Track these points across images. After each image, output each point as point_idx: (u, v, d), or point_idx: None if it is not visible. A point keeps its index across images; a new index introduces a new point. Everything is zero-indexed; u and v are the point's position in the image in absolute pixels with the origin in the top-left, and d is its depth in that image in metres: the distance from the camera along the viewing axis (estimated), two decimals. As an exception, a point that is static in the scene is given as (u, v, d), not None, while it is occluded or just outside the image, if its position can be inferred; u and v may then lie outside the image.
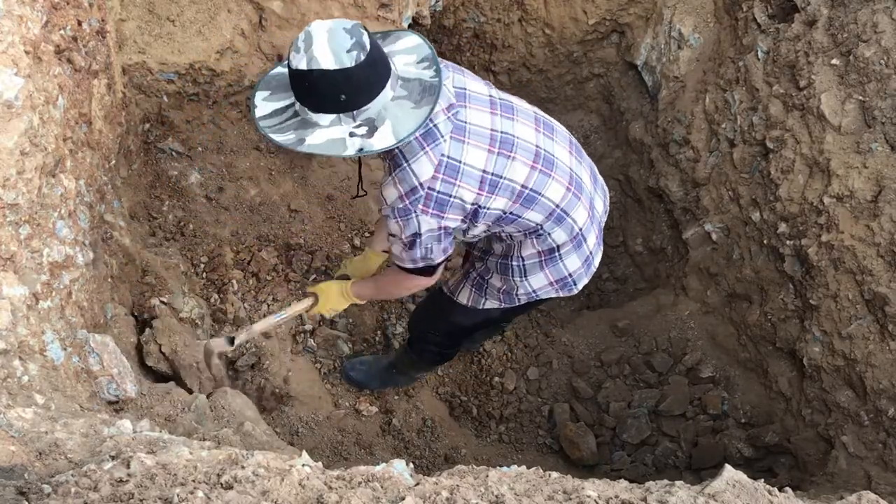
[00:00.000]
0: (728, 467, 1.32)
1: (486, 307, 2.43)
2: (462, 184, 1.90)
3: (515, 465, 1.47)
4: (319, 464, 1.24)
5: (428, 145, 1.86)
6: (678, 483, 1.29)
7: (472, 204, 1.95)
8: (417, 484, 1.20)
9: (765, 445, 3.01)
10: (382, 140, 1.76)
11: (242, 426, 2.11)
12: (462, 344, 2.92)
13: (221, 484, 1.11)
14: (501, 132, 1.96)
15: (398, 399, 3.13)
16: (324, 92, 1.72)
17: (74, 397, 1.62)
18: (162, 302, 2.52)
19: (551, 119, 2.17)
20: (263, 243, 3.08)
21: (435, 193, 1.89)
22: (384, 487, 1.16)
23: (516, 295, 2.32)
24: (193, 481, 1.11)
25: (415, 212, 1.91)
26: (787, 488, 1.37)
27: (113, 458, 1.18)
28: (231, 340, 2.38)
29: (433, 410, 3.17)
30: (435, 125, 1.86)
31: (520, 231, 2.13)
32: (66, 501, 1.05)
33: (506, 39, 4.02)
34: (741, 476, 1.30)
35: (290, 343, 3.00)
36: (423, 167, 1.87)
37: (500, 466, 1.46)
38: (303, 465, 1.19)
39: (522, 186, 1.99)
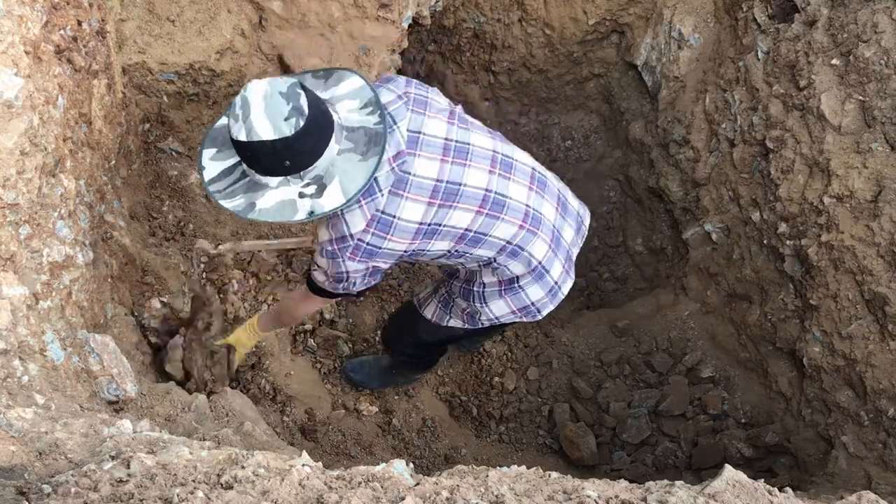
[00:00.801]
0: (728, 467, 1.32)
1: (449, 325, 2.44)
2: (393, 238, 1.90)
3: (515, 465, 1.47)
4: (319, 464, 1.24)
5: (364, 199, 1.83)
6: (678, 483, 1.29)
7: (405, 252, 1.96)
8: (417, 484, 1.20)
9: (765, 445, 3.01)
10: (332, 199, 1.74)
11: (242, 426, 2.11)
12: (433, 355, 2.91)
13: (221, 484, 1.11)
14: (447, 182, 1.92)
15: (398, 399, 3.13)
16: (267, 160, 1.69)
17: (74, 397, 1.62)
18: (162, 302, 2.52)
19: (514, 154, 2.11)
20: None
21: (364, 245, 1.88)
22: (384, 487, 1.16)
23: (479, 319, 2.33)
24: (193, 481, 1.11)
25: (342, 257, 1.91)
26: (787, 488, 1.37)
27: (113, 458, 1.18)
28: (216, 245, 2.62)
29: (433, 410, 3.17)
30: (375, 179, 1.82)
31: (474, 263, 2.14)
32: (66, 501, 1.05)
33: (506, 39, 4.02)
34: (741, 476, 1.30)
35: (289, 343, 3.00)
36: (355, 220, 1.86)
37: (500, 466, 1.46)
38: (303, 465, 1.19)
39: (466, 230, 1.98)
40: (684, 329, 3.43)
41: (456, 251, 2.04)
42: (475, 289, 2.24)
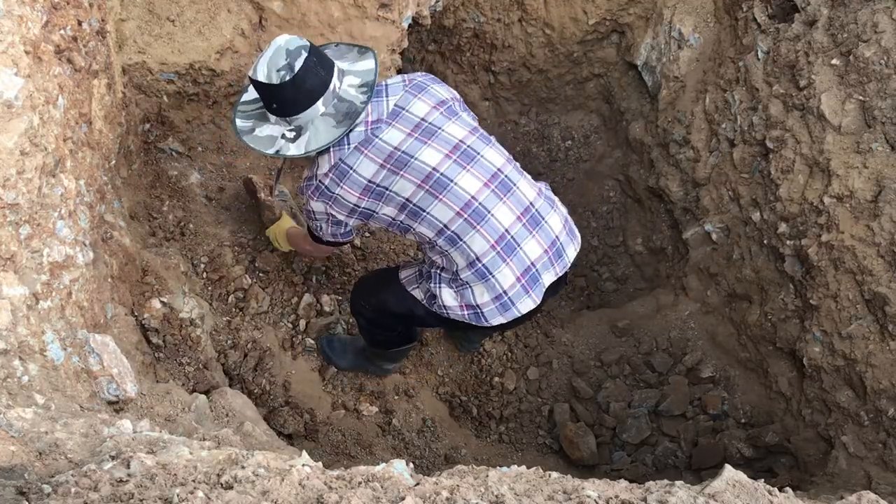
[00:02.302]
0: (728, 467, 1.32)
1: (413, 293, 2.48)
2: (345, 187, 2.18)
3: (515, 465, 1.47)
4: (319, 464, 1.24)
5: (334, 149, 2.17)
6: (678, 483, 1.29)
7: (356, 206, 2.21)
8: (417, 484, 1.19)
9: (765, 445, 3.01)
10: (297, 148, 2.14)
11: (242, 426, 2.11)
12: (390, 332, 2.82)
13: (221, 484, 1.11)
14: (403, 152, 2.16)
15: (398, 399, 3.13)
16: (263, 96, 2.12)
17: (74, 397, 1.62)
18: (162, 302, 2.52)
19: (483, 152, 2.22)
20: (266, 241, 3.08)
21: (323, 187, 2.20)
22: (384, 487, 1.16)
23: (436, 303, 2.37)
24: (193, 481, 1.11)
25: (307, 194, 2.26)
26: (787, 488, 1.37)
27: (113, 458, 1.18)
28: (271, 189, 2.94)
29: (433, 410, 3.17)
30: (348, 135, 2.15)
31: (422, 241, 2.31)
32: (66, 501, 1.05)
33: (506, 39, 4.02)
34: (741, 476, 1.30)
35: (288, 344, 3.00)
36: (323, 164, 2.20)
37: (500, 466, 1.46)
38: (303, 465, 1.19)
39: (407, 200, 2.18)
40: (684, 329, 3.43)
41: (401, 222, 2.24)
42: (433, 270, 2.37)
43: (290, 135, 2.15)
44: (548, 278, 2.28)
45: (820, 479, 2.67)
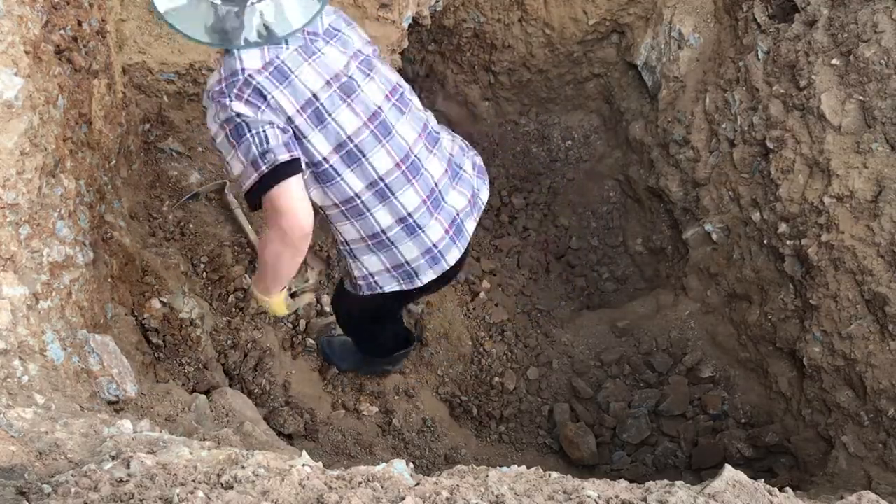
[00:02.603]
0: (728, 467, 1.32)
1: (347, 288, 2.28)
2: (285, 91, 1.77)
3: (515, 465, 1.47)
4: (319, 464, 1.24)
5: (267, 44, 1.76)
6: (678, 483, 1.29)
7: (290, 120, 1.80)
8: (417, 484, 1.19)
9: (765, 445, 3.01)
10: (271, 16, 1.71)
11: (242, 426, 2.11)
12: (371, 337, 2.72)
13: (221, 484, 1.11)
14: (349, 76, 1.87)
15: (398, 399, 3.13)
16: None
17: (74, 397, 1.62)
18: (162, 302, 2.52)
19: (413, 100, 2.04)
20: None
21: (254, 83, 1.75)
22: (384, 487, 1.16)
23: (358, 282, 2.16)
24: (193, 481, 1.11)
25: (229, 96, 1.74)
26: (787, 488, 1.37)
27: (113, 458, 1.18)
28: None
29: (433, 410, 3.17)
30: (284, 38, 1.77)
31: (338, 206, 1.96)
32: (66, 501, 1.05)
33: (506, 39, 4.02)
34: (741, 476, 1.30)
35: (288, 344, 3.00)
36: (251, 56, 1.76)
37: (500, 466, 1.46)
38: (303, 465, 1.19)
39: (349, 137, 1.87)
40: (684, 329, 3.43)
41: (331, 166, 1.88)
42: (342, 248, 2.12)
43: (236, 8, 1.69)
44: (470, 225, 2.19)
45: (820, 479, 2.67)
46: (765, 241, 3.10)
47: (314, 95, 1.82)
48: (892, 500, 1.60)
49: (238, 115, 1.75)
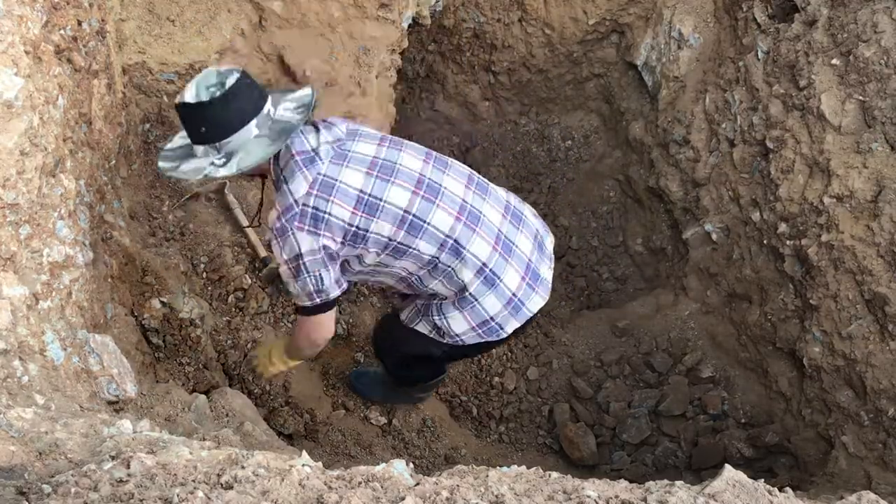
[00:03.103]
0: (728, 467, 1.32)
1: (417, 329, 2.34)
2: (336, 200, 1.98)
3: (515, 465, 1.47)
4: (319, 464, 1.24)
5: (306, 167, 1.98)
6: (678, 483, 1.29)
7: (350, 224, 2.01)
8: (417, 484, 1.19)
9: (765, 445, 3.01)
10: (227, 169, 1.93)
11: (242, 426, 2.11)
12: (415, 371, 2.74)
13: (221, 484, 1.11)
14: (384, 159, 2.04)
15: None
16: (189, 122, 1.93)
17: (74, 397, 1.62)
18: (162, 302, 2.52)
19: (450, 159, 2.19)
20: (266, 241, 3.08)
21: (309, 210, 1.97)
22: (384, 487, 1.16)
23: (445, 333, 2.27)
24: (193, 481, 1.11)
25: (291, 230, 1.99)
26: (787, 488, 1.37)
27: (113, 458, 1.18)
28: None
29: (433, 410, 3.17)
30: (316, 152, 1.99)
31: (420, 266, 2.13)
32: (66, 501, 1.05)
33: (506, 39, 4.02)
34: (741, 476, 1.30)
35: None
36: (298, 185, 1.98)
37: (500, 466, 1.46)
38: (303, 465, 1.19)
39: (405, 212, 2.03)
40: (684, 329, 3.43)
41: (400, 242, 2.05)
42: (433, 301, 2.25)
43: (220, 161, 1.94)
44: (545, 272, 2.25)
45: (820, 479, 2.67)
46: (765, 241, 3.10)
47: (360, 191, 2.01)
48: (891, 500, 1.60)
49: (301, 253, 2.00)
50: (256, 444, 2.03)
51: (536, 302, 2.22)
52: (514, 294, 2.16)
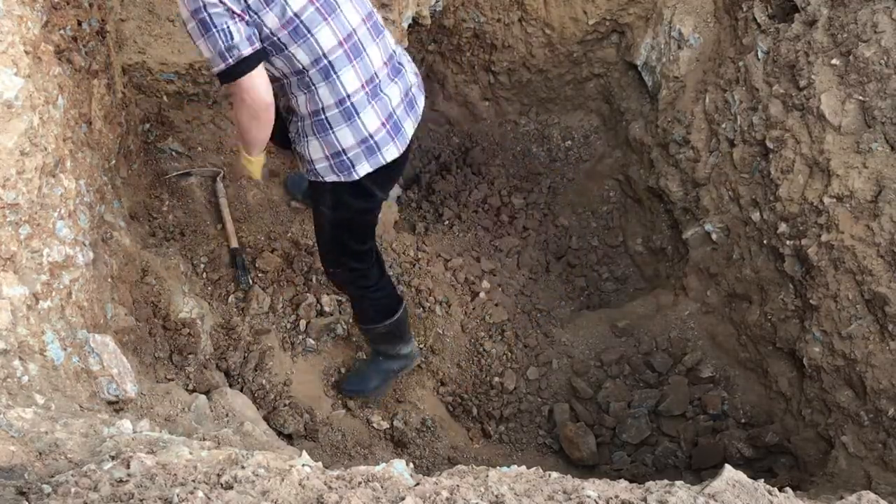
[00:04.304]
0: (728, 467, 1.32)
1: (327, 180, 2.30)
2: None
3: (515, 465, 1.47)
4: (319, 464, 1.24)
5: None
6: (678, 483, 1.29)
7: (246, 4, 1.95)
8: (417, 484, 1.20)
9: (765, 445, 3.01)
10: None
11: (242, 426, 2.11)
12: (361, 264, 2.61)
13: (221, 484, 1.11)
14: None
15: (399, 401, 3.13)
16: None
17: (74, 397, 1.62)
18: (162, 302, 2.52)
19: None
20: (267, 241, 3.08)
21: None
22: (384, 487, 1.16)
23: (308, 167, 2.26)
24: (193, 481, 1.11)
25: None
26: (787, 488, 1.37)
27: (113, 458, 1.18)
28: None
29: (433, 410, 3.17)
30: None
31: (291, 72, 2.11)
32: (66, 501, 1.05)
33: (506, 39, 4.02)
34: (741, 476, 1.30)
35: (288, 344, 3.00)
36: None
37: (500, 466, 1.46)
38: (303, 465, 1.19)
39: (295, 14, 2.01)
40: (684, 329, 3.43)
41: (279, 39, 2.03)
42: (297, 121, 2.24)
43: None
44: (408, 127, 2.28)
45: (820, 479, 2.67)
46: (765, 241, 3.10)
47: None
48: (891, 500, 1.60)
49: (203, 5, 1.90)
50: (256, 444, 2.03)
51: (391, 152, 2.25)
52: (370, 135, 2.20)
